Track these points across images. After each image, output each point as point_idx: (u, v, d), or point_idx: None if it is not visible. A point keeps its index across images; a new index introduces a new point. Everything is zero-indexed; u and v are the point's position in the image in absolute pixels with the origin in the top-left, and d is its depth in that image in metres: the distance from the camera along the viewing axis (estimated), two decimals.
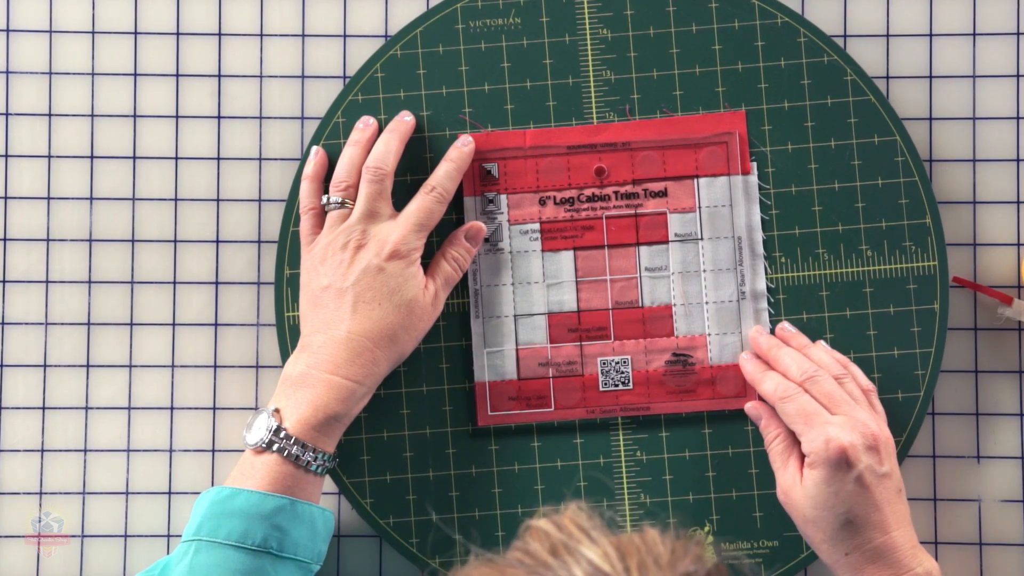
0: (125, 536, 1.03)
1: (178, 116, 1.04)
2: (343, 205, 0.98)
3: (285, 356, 1.01)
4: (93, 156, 1.03)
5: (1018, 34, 1.04)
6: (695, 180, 1.01)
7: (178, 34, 1.04)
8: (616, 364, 1.01)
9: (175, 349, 1.03)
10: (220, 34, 1.04)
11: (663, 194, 1.01)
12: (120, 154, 1.04)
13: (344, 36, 1.04)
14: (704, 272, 1.01)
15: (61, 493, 1.03)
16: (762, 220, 1.01)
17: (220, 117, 1.04)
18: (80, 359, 1.03)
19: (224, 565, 0.89)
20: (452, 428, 1.01)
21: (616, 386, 1.01)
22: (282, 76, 1.04)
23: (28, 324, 1.03)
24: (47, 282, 1.03)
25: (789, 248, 1.01)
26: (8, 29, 1.04)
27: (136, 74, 1.04)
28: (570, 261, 1.01)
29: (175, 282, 1.03)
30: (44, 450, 1.03)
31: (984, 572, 1.02)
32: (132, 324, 1.03)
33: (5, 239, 1.04)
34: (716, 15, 1.01)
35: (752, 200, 1.01)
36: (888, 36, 1.03)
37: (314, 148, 1.01)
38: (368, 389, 0.95)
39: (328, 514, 0.94)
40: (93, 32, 1.04)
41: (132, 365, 1.03)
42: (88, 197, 1.03)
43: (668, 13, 1.01)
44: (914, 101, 1.03)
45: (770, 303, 1.01)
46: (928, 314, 1.00)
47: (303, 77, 1.04)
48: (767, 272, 1.01)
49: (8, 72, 1.04)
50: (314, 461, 0.92)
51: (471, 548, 0.77)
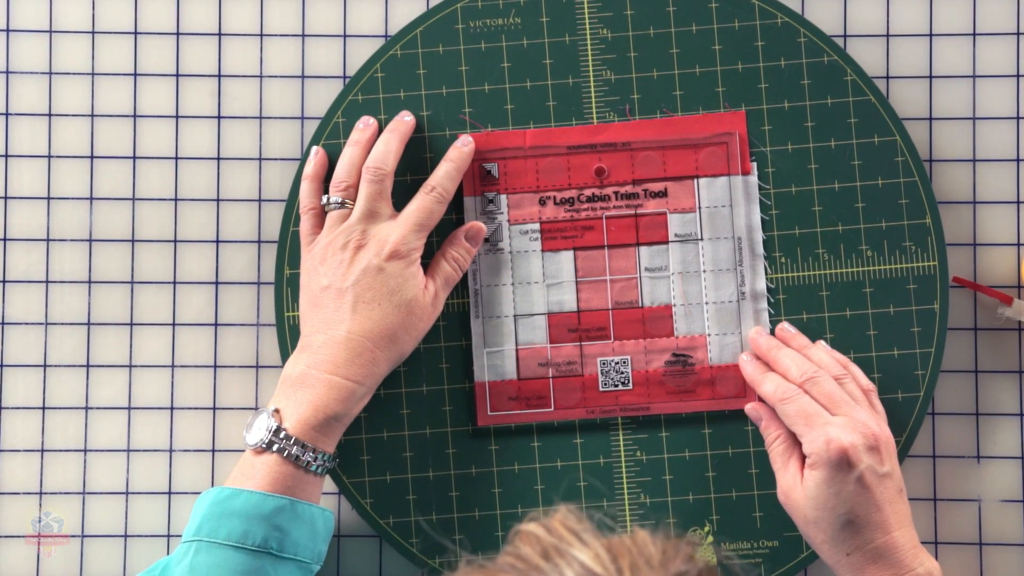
0: (125, 536, 1.03)
1: (178, 116, 1.04)
2: (343, 205, 0.98)
3: (285, 356, 1.01)
4: (93, 156, 1.03)
5: (1018, 34, 1.03)
6: (695, 180, 1.01)
7: (178, 34, 1.04)
8: (616, 364, 1.01)
9: (175, 349, 1.03)
10: (220, 34, 1.04)
11: (663, 194, 1.01)
12: (120, 154, 1.03)
13: (344, 36, 1.04)
14: (704, 272, 1.01)
15: (61, 493, 1.03)
16: (762, 220, 1.01)
17: (220, 117, 1.04)
18: (80, 359, 1.03)
19: (224, 565, 0.89)
20: (452, 428, 1.01)
21: (616, 386, 1.01)
22: (282, 76, 1.04)
23: (28, 324, 1.03)
24: (47, 282, 1.03)
25: (789, 248, 1.01)
26: (8, 29, 1.04)
27: (136, 74, 1.04)
28: (570, 261, 1.01)
29: (175, 282, 1.03)
30: (44, 450, 1.03)
31: (984, 572, 1.02)
32: (132, 324, 1.03)
33: (5, 239, 1.03)
34: (716, 15, 1.01)
35: (752, 200, 1.01)
36: (888, 36, 1.03)
37: (314, 148, 1.01)
38: (368, 389, 0.95)
39: (328, 514, 0.94)
40: (93, 32, 1.04)
41: (132, 365, 1.03)
42: (88, 197, 1.03)
43: (668, 13, 1.01)
44: (914, 101, 1.03)
45: (770, 303, 1.01)
46: (928, 314, 1.00)
47: (303, 77, 1.04)
48: (767, 272, 1.01)
49: (8, 72, 1.04)
50: (314, 461, 0.92)
51: (462, 554, 0.76)
